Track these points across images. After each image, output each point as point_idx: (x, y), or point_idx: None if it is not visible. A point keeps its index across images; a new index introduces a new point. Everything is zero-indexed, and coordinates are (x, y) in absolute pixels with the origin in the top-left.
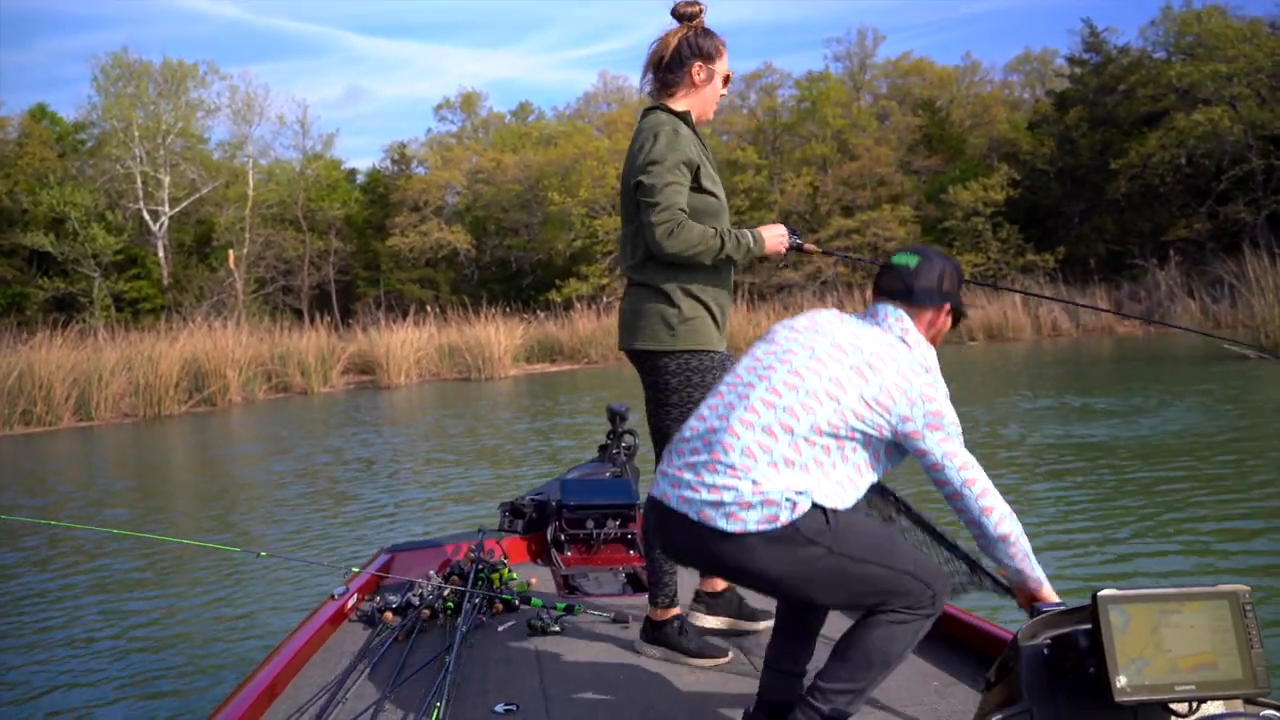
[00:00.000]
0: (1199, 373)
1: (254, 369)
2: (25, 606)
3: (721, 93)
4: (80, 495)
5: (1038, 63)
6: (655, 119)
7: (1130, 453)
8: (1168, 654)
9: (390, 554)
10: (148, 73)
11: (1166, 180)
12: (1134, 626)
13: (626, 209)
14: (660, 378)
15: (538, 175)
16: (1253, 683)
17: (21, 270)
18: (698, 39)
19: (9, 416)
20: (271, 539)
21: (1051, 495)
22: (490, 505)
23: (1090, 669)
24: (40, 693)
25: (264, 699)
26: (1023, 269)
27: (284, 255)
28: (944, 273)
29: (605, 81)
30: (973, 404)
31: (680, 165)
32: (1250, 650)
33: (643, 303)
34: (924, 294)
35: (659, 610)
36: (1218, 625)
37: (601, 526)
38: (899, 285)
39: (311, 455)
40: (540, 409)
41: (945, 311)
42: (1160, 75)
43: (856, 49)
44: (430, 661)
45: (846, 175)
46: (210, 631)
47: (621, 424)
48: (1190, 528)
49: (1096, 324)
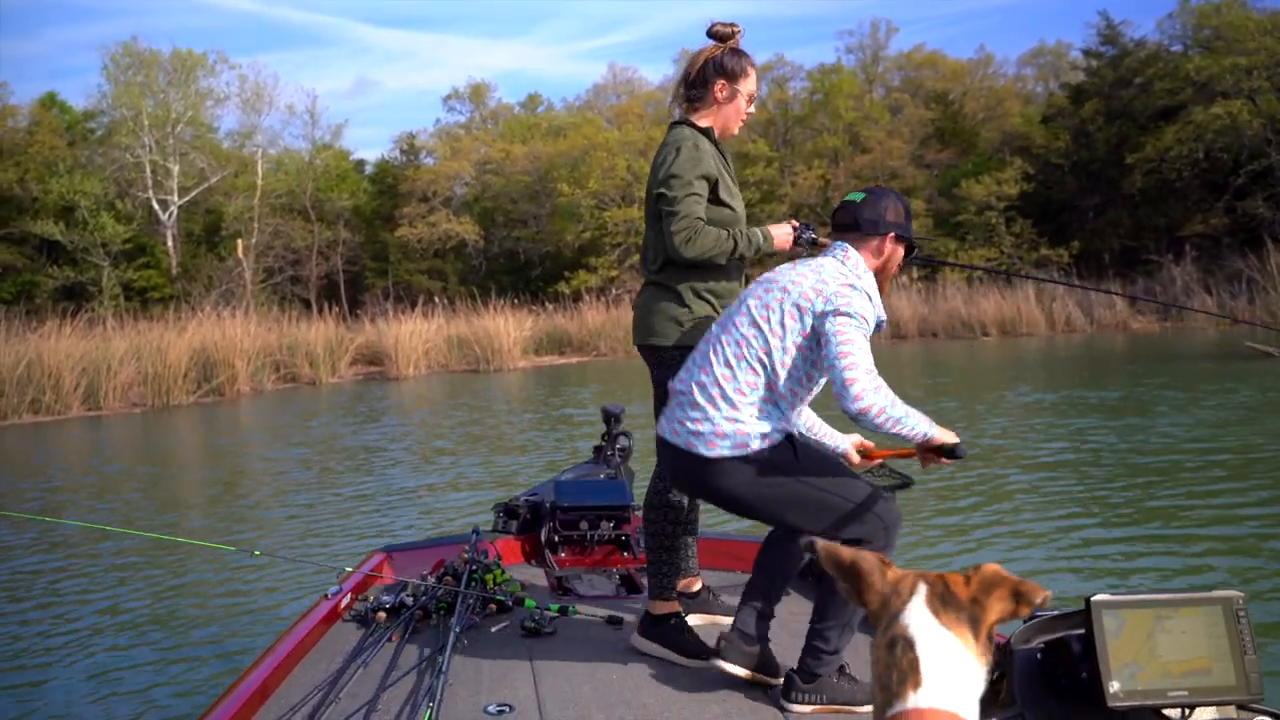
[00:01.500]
0: (1215, 370)
1: (262, 359)
2: (12, 602)
3: (748, 112)
4: (79, 487)
5: (1051, 56)
6: (679, 133)
7: (1131, 452)
8: (1161, 659)
9: (384, 554)
10: (157, 62)
11: (1183, 175)
12: (1127, 631)
13: (650, 216)
14: (667, 372)
15: (547, 166)
16: (1246, 689)
17: (31, 259)
18: (724, 58)
19: (18, 405)
20: (266, 536)
21: (1053, 494)
22: (490, 503)
23: (1083, 674)
24: (28, 690)
25: (256, 698)
26: (1036, 264)
27: (292, 245)
28: (887, 205)
29: (615, 73)
30: (978, 398)
31: (699, 179)
32: (1244, 656)
33: (656, 301)
34: (868, 224)
35: (658, 603)
36: (1211, 631)
37: (595, 528)
38: (848, 218)
39: (314, 449)
40: (549, 402)
41: (890, 239)
42: (1178, 68)
43: (869, 41)
44: (423, 662)
45: (858, 168)
46: (202, 630)
47: (616, 425)
48: (1188, 531)
49: (1111, 319)
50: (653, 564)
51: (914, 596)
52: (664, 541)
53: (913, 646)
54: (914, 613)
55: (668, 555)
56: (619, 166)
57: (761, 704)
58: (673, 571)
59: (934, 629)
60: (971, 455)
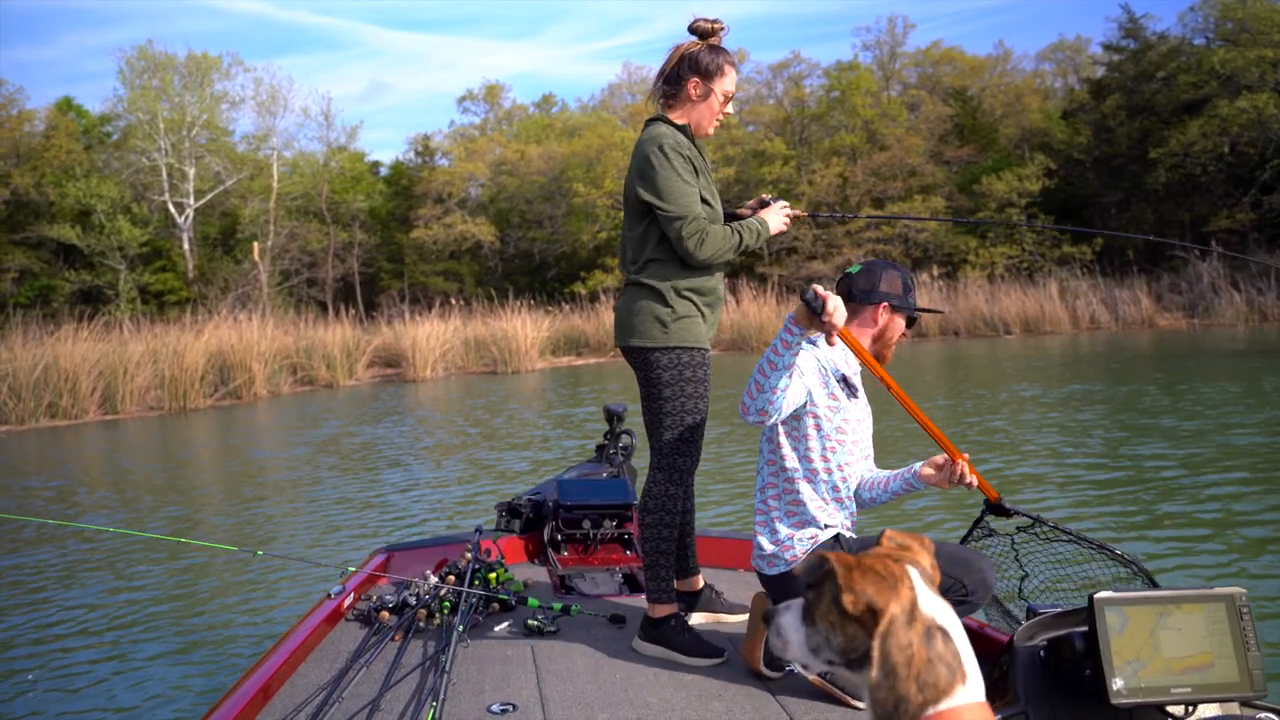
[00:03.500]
0: (1239, 368)
1: (279, 362)
2: (19, 602)
3: (724, 112)
4: (90, 488)
5: (1070, 51)
6: (656, 130)
7: (1138, 449)
8: (1164, 656)
9: (387, 553)
10: (173, 65)
11: (1208, 169)
12: (1131, 629)
13: (630, 216)
14: (653, 373)
15: (562, 167)
16: (1249, 685)
17: (48, 263)
18: (701, 55)
19: (35, 409)
20: (271, 535)
21: (1055, 492)
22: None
23: (1086, 671)
24: (30, 690)
25: (260, 698)
26: (1059, 261)
27: (308, 248)
28: (880, 277)
29: (629, 72)
30: (989, 394)
31: (687, 171)
32: (1247, 653)
33: (637, 301)
34: (861, 294)
35: (657, 607)
36: (1214, 627)
37: (598, 527)
38: (843, 289)
39: (321, 450)
40: (562, 402)
41: (883, 309)
42: (1202, 61)
43: (886, 38)
44: (426, 661)
45: (876, 166)
46: (205, 630)
47: (619, 424)
48: (1189, 528)
49: (1136, 316)
50: (649, 567)
51: (915, 581)
52: (660, 545)
53: (949, 636)
54: (928, 598)
55: (664, 559)
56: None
57: (765, 701)
58: (670, 574)
59: (950, 613)
60: (972, 457)
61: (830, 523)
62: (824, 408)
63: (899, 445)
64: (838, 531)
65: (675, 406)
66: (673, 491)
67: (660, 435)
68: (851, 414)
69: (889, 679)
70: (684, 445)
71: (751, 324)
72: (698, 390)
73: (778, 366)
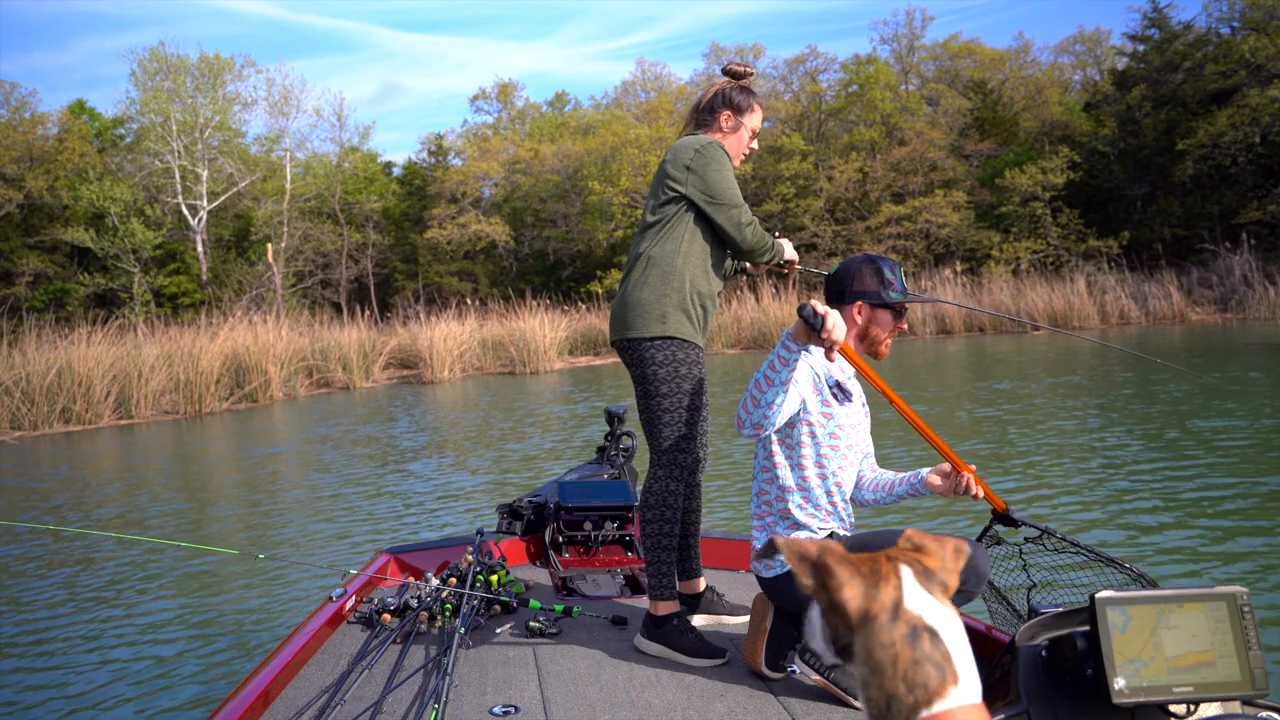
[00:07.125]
0: (1271, 362)
1: (295, 364)
2: (22, 607)
3: (750, 147)
4: (97, 492)
5: (1090, 43)
6: (696, 136)
7: (1145, 447)
8: (1166, 655)
9: (389, 556)
10: (185, 67)
11: (1238, 160)
12: (1133, 628)
13: (645, 213)
14: (648, 368)
15: (576, 165)
16: (1251, 684)
17: (62, 266)
18: (733, 93)
19: (48, 415)
20: (274, 537)
21: (1060, 490)
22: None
23: (1088, 670)
24: (36, 694)
25: (261, 701)
26: (1085, 255)
27: (322, 249)
28: (853, 274)
29: (643, 69)
30: (1009, 390)
31: (730, 169)
32: (1248, 651)
33: (633, 295)
34: (834, 295)
35: (659, 604)
36: (1216, 626)
37: (599, 528)
38: (826, 291)
39: (328, 451)
40: (576, 403)
41: (858, 308)
42: (1230, 50)
43: (904, 31)
44: (428, 663)
45: (896, 160)
46: (208, 633)
47: (619, 426)
48: (1191, 526)
49: (1167, 311)
50: (651, 564)
51: (904, 580)
52: (661, 541)
53: (939, 636)
54: (918, 597)
55: (666, 555)
56: (651, 163)
57: (767, 701)
58: (671, 571)
59: (944, 612)
60: (975, 456)
61: (825, 527)
62: (817, 415)
63: (907, 438)
64: (832, 532)
65: (672, 402)
66: (673, 488)
67: (658, 431)
68: (846, 420)
69: (875, 677)
70: (682, 441)
71: (773, 321)
72: (694, 384)
73: (774, 382)
